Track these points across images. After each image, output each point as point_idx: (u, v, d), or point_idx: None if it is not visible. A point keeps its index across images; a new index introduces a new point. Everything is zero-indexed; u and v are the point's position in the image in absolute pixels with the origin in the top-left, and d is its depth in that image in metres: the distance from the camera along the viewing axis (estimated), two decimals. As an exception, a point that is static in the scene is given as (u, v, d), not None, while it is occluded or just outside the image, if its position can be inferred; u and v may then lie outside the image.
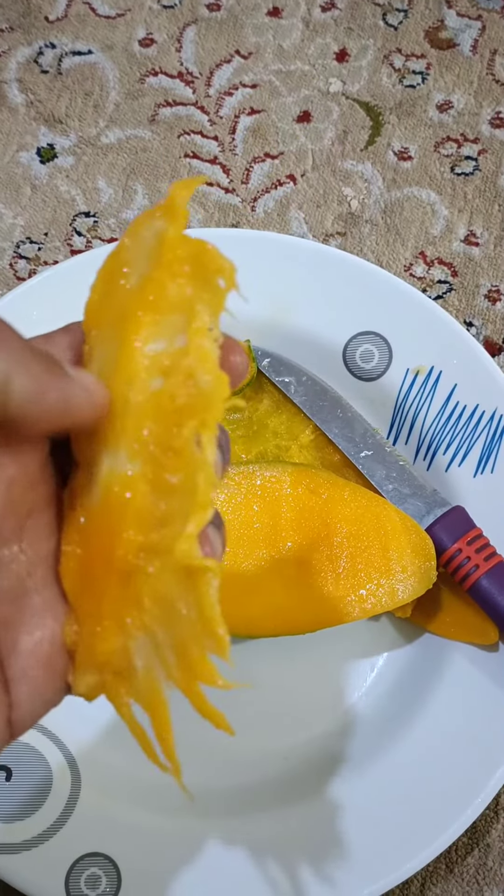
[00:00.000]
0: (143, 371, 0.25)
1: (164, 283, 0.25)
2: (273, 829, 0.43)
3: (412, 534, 0.46)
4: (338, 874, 0.42)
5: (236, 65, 0.62)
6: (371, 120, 0.60)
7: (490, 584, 0.44)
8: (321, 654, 0.47)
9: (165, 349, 0.25)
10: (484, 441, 0.48)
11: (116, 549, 0.25)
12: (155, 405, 0.25)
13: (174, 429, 0.25)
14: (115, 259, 0.27)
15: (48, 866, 0.41)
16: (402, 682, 0.46)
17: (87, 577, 0.26)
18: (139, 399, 0.25)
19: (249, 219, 0.58)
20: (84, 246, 0.57)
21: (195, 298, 0.25)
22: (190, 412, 0.25)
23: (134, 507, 0.25)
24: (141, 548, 0.25)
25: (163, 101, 0.61)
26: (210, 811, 0.43)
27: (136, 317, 0.26)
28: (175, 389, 0.25)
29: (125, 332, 0.26)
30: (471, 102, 0.60)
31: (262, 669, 0.47)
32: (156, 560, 0.25)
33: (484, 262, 0.57)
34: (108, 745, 0.45)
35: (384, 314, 0.50)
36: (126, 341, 0.25)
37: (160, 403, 0.25)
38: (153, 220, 0.26)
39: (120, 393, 0.26)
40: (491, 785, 0.43)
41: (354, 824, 0.43)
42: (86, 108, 0.61)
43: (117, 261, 0.27)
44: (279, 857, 0.42)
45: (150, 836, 0.42)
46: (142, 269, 0.26)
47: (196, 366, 0.25)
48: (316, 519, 0.46)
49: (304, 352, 0.51)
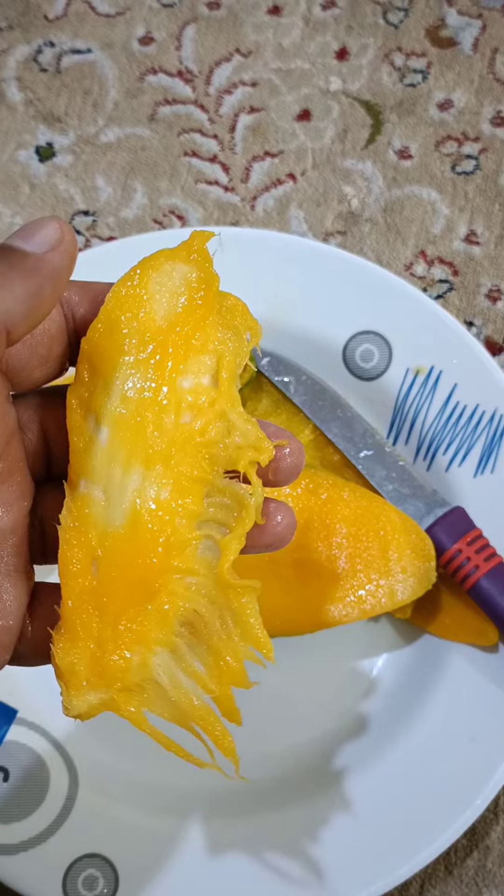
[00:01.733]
0: (177, 403, 0.27)
1: (197, 327, 0.28)
2: (271, 830, 0.43)
3: (412, 534, 0.45)
4: (337, 875, 0.42)
5: (236, 63, 0.62)
6: (371, 118, 0.60)
7: (490, 584, 0.44)
8: (321, 655, 0.47)
9: (195, 387, 0.27)
10: (484, 441, 0.48)
11: (147, 571, 0.27)
12: (186, 436, 0.27)
13: (213, 464, 0.27)
14: (131, 286, 0.28)
15: (46, 867, 0.41)
16: (402, 683, 0.46)
17: (101, 598, 0.27)
18: (170, 428, 0.27)
19: (249, 217, 0.58)
20: (83, 245, 0.57)
21: (224, 344, 0.28)
22: (235, 454, 0.27)
23: (166, 531, 0.27)
24: (174, 570, 0.27)
25: (162, 99, 0.61)
26: (208, 812, 0.43)
27: (169, 352, 0.27)
28: (207, 426, 0.27)
29: (158, 365, 0.27)
30: (471, 101, 0.60)
31: (261, 671, 0.46)
32: (186, 581, 0.27)
33: (485, 261, 0.56)
34: (106, 747, 0.45)
35: (384, 313, 0.50)
36: (159, 373, 0.27)
37: (191, 436, 0.27)
38: (176, 261, 0.28)
39: (149, 419, 0.27)
40: (490, 786, 0.43)
41: (353, 825, 0.43)
42: (85, 107, 0.61)
43: (134, 290, 0.28)
44: (277, 858, 0.42)
45: (147, 838, 0.42)
46: (167, 308, 0.28)
47: (230, 410, 0.28)
48: (315, 519, 0.46)
49: (304, 351, 0.51)
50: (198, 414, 0.27)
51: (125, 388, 0.27)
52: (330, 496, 0.46)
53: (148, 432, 0.27)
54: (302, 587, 0.45)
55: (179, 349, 0.28)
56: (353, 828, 0.43)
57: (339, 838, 0.43)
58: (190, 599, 0.27)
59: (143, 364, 0.27)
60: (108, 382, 0.27)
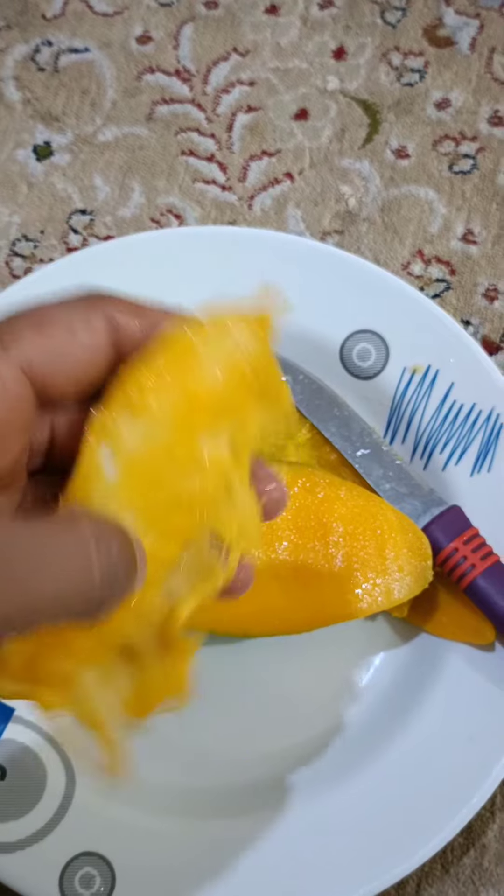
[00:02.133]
0: (193, 465, 0.28)
1: (239, 402, 0.29)
2: (268, 828, 0.43)
3: (408, 533, 0.45)
4: (333, 874, 0.42)
5: (234, 62, 0.62)
6: (369, 118, 0.60)
7: (486, 583, 0.44)
8: (317, 653, 0.47)
9: (215, 456, 0.28)
10: (481, 440, 0.48)
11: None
12: (189, 493, 0.28)
13: (202, 523, 0.28)
14: (187, 342, 0.29)
15: (42, 866, 0.41)
16: (399, 681, 0.46)
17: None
18: (177, 485, 0.28)
19: (246, 217, 0.58)
20: (80, 244, 0.57)
21: (256, 426, 0.29)
22: (224, 526, 0.29)
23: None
24: (129, 608, 0.27)
25: (160, 98, 0.61)
26: (205, 811, 0.43)
27: (202, 416, 0.28)
28: (209, 489, 0.28)
29: (187, 425, 0.28)
30: (469, 100, 0.60)
31: (257, 669, 0.47)
32: (140, 621, 0.28)
33: (482, 260, 0.56)
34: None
35: (381, 312, 0.50)
36: (186, 433, 0.28)
37: (193, 494, 0.28)
38: (239, 330, 0.29)
39: (161, 472, 0.28)
40: (487, 785, 0.43)
41: (349, 825, 0.43)
42: (82, 106, 0.61)
43: (189, 346, 0.28)
44: (274, 856, 0.42)
45: (144, 836, 0.42)
46: (215, 374, 0.28)
47: (238, 487, 0.29)
48: (312, 518, 0.46)
49: (301, 350, 0.51)
50: (207, 479, 0.28)
51: (149, 435, 0.28)
52: (327, 495, 0.46)
53: (155, 484, 0.28)
54: (299, 586, 0.45)
55: (213, 417, 0.28)
56: (349, 826, 0.43)
57: (336, 837, 0.43)
58: (132, 637, 0.28)
59: (173, 419, 0.28)
60: (135, 423, 0.28)
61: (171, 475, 0.28)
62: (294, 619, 0.45)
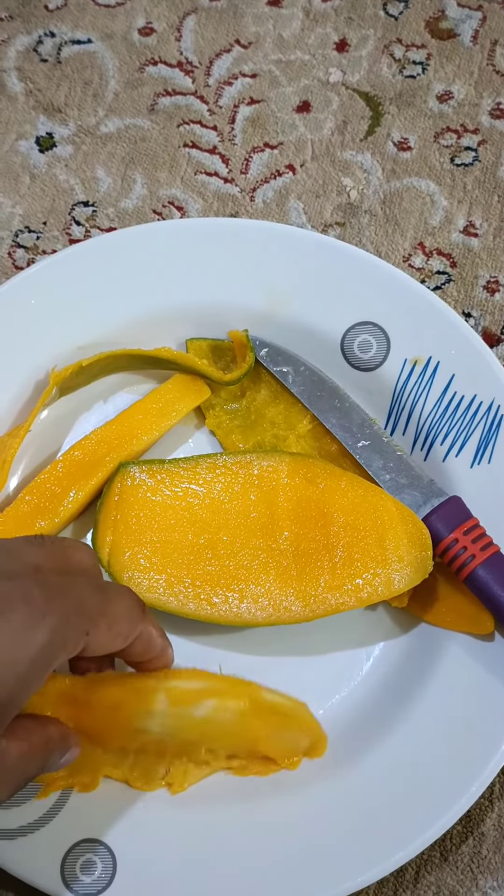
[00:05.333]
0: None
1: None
2: (269, 815, 0.43)
3: (409, 524, 0.46)
4: (333, 861, 0.42)
5: (236, 54, 0.62)
6: (371, 110, 0.60)
7: (486, 574, 0.44)
8: (317, 642, 0.47)
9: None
10: (481, 432, 0.48)
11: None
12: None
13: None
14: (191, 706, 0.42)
15: (44, 852, 0.42)
16: (399, 671, 0.46)
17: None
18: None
19: (248, 209, 0.58)
20: (83, 235, 0.57)
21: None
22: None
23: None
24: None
25: (162, 90, 0.61)
26: (205, 799, 0.43)
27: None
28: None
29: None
30: (471, 93, 0.60)
31: (257, 658, 0.47)
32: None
33: (483, 252, 0.57)
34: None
35: (382, 304, 0.50)
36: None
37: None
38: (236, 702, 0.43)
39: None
40: (486, 773, 0.43)
41: (349, 812, 0.43)
42: (85, 97, 0.61)
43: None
44: (275, 843, 0.42)
45: (145, 824, 0.43)
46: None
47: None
48: (313, 508, 0.46)
49: (302, 342, 0.51)
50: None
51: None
52: (328, 486, 0.47)
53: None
54: (299, 576, 0.45)
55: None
56: (349, 814, 0.43)
57: (335, 824, 0.43)
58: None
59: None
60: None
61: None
62: (294, 610, 0.45)
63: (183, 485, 0.47)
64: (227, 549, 0.46)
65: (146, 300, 0.51)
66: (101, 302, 0.51)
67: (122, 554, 0.46)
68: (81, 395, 0.51)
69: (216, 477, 0.47)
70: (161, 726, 0.41)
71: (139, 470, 0.47)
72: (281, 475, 0.47)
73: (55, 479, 0.48)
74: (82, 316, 0.51)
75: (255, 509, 0.47)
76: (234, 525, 0.46)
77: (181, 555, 0.46)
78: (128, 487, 0.47)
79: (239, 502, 0.47)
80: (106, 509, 0.47)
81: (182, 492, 0.47)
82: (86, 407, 0.52)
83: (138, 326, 0.51)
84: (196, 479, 0.47)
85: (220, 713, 0.42)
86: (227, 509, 0.47)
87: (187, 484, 0.47)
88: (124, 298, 0.51)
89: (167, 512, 0.47)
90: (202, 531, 0.46)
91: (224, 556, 0.46)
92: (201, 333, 0.52)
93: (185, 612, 0.45)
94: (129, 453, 0.49)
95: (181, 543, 0.46)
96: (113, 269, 0.51)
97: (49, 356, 0.50)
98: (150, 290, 0.51)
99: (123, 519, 0.46)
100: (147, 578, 0.45)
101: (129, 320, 0.51)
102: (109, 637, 0.37)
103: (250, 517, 0.46)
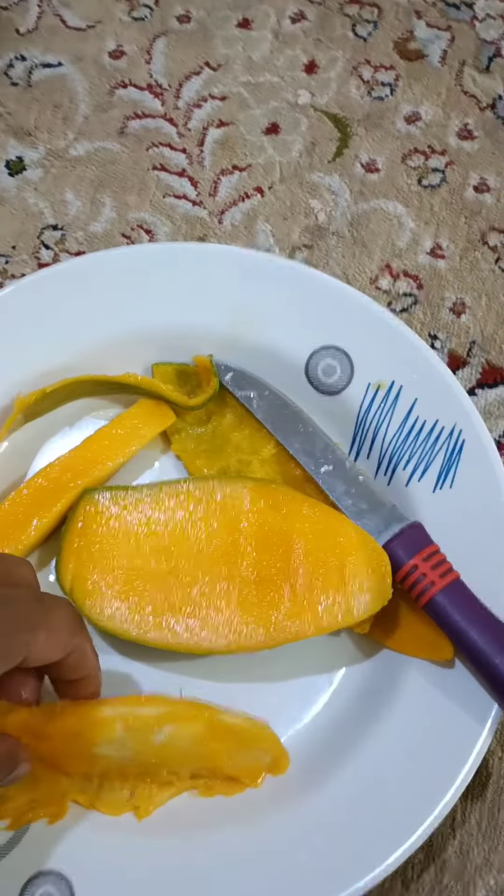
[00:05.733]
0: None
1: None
2: (227, 845, 0.43)
3: (369, 550, 0.46)
4: (296, 890, 0.42)
5: (206, 76, 0.62)
6: (339, 132, 0.60)
7: (445, 600, 0.44)
8: (280, 668, 0.47)
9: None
10: (443, 457, 0.48)
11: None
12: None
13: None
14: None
15: (2, 884, 0.41)
16: (360, 697, 0.46)
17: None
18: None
19: (217, 231, 0.58)
20: (52, 259, 0.58)
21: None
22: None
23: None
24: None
25: (132, 113, 0.61)
26: (164, 829, 0.43)
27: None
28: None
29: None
30: (439, 114, 0.60)
31: (220, 685, 0.47)
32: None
33: (449, 274, 0.57)
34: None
35: (345, 329, 0.50)
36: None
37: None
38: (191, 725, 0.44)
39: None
40: (446, 801, 0.43)
41: (309, 840, 0.43)
42: (55, 121, 0.61)
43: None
44: (233, 874, 0.42)
45: (104, 855, 0.42)
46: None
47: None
48: (274, 535, 0.46)
49: (267, 366, 0.51)
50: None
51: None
52: (289, 511, 0.47)
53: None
54: (260, 603, 0.45)
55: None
56: (309, 842, 0.43)
57: (295, 853, 0.43)
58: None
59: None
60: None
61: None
62: (255, 638, 0.45)
63: (146, 512, 0.47)
64: (189, 576, 0.46)
65: (112, 325, 0.51)
66: (68, 326, 0.51)
67: (85, 581, 0.46)
68: (47, 420, 0.51)
69: (179, 503, 0.47)
70: (119, 751, 0.42)
71: (103, 497, 0.47)
72: (243, 501, 0.47)
73: (19, 506, 0.48)
74: (49, 341, 0.51)
75: (218, 536, 0.47)
76: (197, 552, 0.46)
77: (143, 582, 0.46)
78: (91, 514, 0.47)
79: (201, 529, 0.47)
80: (69, 536, 0.47)
81: (145, 518, 0.47)
82: (51, 432, 0.52)
83: (104, 351, 0.51)
84: (159, 506, 0.47)
85: (178, 738, 0.42)
86: (190, 536, 0.47)
87: (151, 511, 0.47)
88: (91, 323, 0.51)
89: (130, 539, 0.47)
90: (165, 558, 0.46)
91: (186, 584, 0.46)
92: (167, 358, 0.52)
93: (147, 641, 0.45)
94: (93, 479, 0.49)
95: (144, 571, 0.46)
96: (80, 294, 0.51)
97: (13, 381, 0.50)
98: (117, 315, 0.51)
99: (86, 546, 0.46)
100: (109, 606, 0.45)
101: (94, 345, 0.51)
102: (48, 647, 0.38)
103: (213, 544, 0.46)
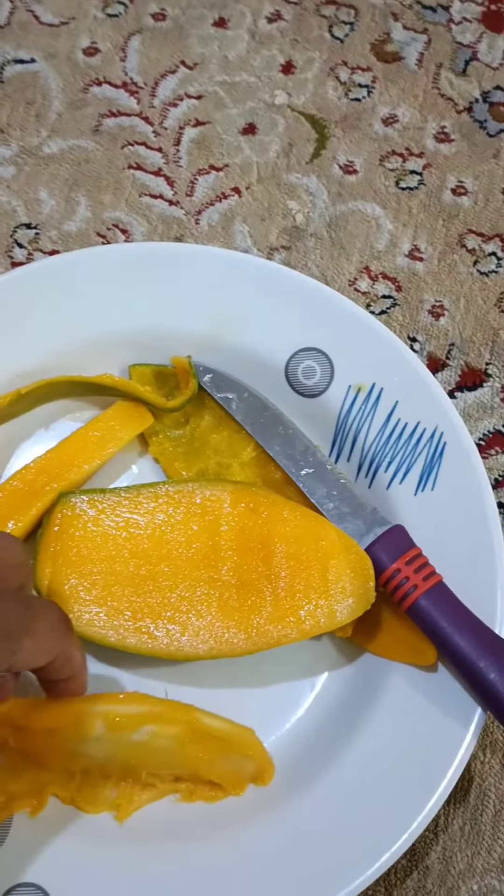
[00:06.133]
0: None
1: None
2: (209, 854, 0.42)
3: (351, 553, 0.45)
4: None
5: (181, 75, 0.61)
6: (316, 133, 0.60)
7: (428, 604, 0.44)
8: (262, 672, 0.47)
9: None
10: (425, 459, 0.48)
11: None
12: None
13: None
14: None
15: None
16: (342, 702, 0.46)
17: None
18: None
19: (193, 232, 0.57)
20: (25, 258, 0.57)
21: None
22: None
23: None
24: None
25: (106, 111, 0.60)
26: (144, 839, 0.42)
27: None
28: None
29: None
30: (416, 116, 0.60)
31: (201, 690, 0.46)
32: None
33: (428, 276, 0.56)
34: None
35: (325, 331, 0.50)
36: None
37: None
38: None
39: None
40: (430, 806, 0.43)
41: (292, 847, 0.42)
42: (27, 118, 0.60)
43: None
44: (215, 883, 0.42)
45: (82, 866, 0.42)
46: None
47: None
48: (255, 538, 0.46)
49: (247, 367, 0.50)
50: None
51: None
52: (270, 515, 0.46)
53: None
54: (241, 608, 0.45)
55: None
56: (292, 849, 0.42)
57: (277, 860, 0.42)
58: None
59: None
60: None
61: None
62: (236, 643, 0.44)
63: (124, 515, 0.46)
64: (168, 580, 0.45)
65: (88, 325, 0.50)
66: (43, 327, 0.50)
67: (62, 586, 0.45)
68: (22, 422, 0.50)
69: (158, 507, 0.46)
70: (98, 750, 0.41)
71: (80, 500, 0.46)
72: (223, 504, 0.46)
73: (-7, 510, 0.47)
74: (23, 341, 0.50)
75: (198, 539, 0.46)
76: (176, 556, 0.46)
77: (122, 587, 0.45)
78: (68, 518, 0.46)
79: (181, 532, 0.46)
80: (45, 540, 0.46)
81: (123, 522, 0.46)
82: (26, 434, 0.51)
83: (80, 352, 0.50)
84: (138, 509, 0.46)
85: (158, 738, 0.42)
86: (169, 540, 0.46)
87: (129, 514, 0.46)
88: (66, 323, 0.50)
89: (108, 543, 0.46)
90: (144, 562, 0.45)
91: (166, 588, 0.45)
92: (144, 359, 0.51)
93: (126, 646, 0.44)
94: (69, 482, 0.48)
95: (122, 575, 0.45)
96: (55, 294, 0.50)
97: (-13, 383, 0.49)
98: (93, 315, 0.51)
99: (63, 550, 0.45)
100: (87, 612, 0.44)
101: (70, 346, 0.50)
102: (33, 654, 0.37)
103: (192, 547, 0.46)
